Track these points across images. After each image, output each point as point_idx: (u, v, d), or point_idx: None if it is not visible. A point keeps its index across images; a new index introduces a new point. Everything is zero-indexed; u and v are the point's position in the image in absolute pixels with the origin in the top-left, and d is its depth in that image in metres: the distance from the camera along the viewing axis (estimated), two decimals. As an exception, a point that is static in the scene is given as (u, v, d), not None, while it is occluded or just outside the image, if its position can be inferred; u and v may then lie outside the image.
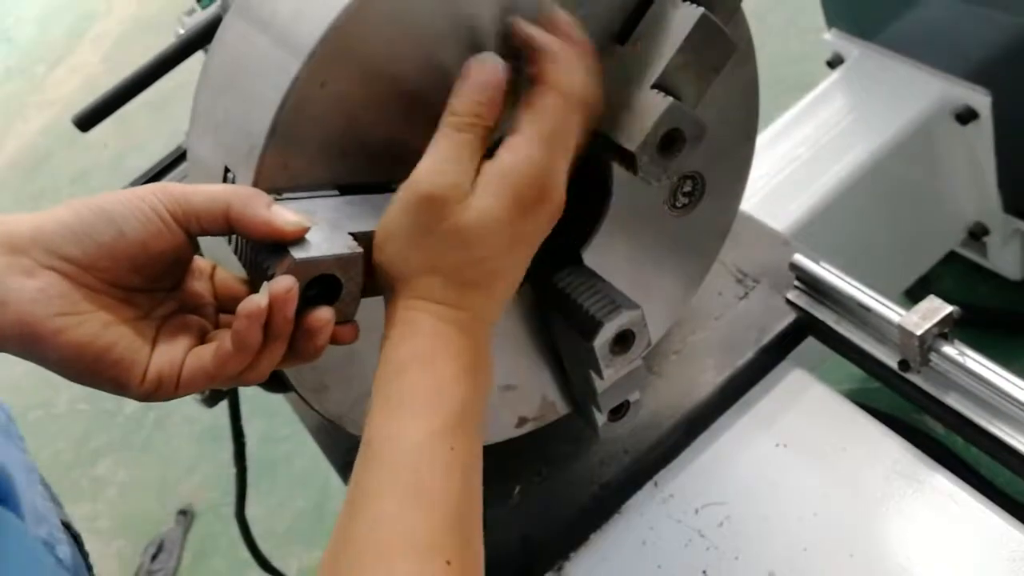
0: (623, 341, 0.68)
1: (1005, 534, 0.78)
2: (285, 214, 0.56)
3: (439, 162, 0.57)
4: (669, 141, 0.61)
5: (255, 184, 0.58)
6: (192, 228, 0.58)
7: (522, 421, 0.79)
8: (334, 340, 0.60)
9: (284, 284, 0.55)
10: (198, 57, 0.88)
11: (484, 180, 0.58)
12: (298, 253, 0.53)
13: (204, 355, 0.59)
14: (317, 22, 0.56)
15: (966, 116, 1.53)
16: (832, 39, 1.72)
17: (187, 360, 0.59)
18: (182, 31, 0.83)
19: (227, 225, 0.57)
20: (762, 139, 1.56)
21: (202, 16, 0.87)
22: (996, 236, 1.70)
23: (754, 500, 0.88)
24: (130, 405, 2.56)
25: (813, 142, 1.58)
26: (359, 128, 0.59)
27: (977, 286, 1.84)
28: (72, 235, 0.55)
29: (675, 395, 0.93)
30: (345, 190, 0.60)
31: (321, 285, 0.55)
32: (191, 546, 2.21)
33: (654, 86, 0.61)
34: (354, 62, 0.57)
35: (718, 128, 0.68)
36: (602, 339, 0.67)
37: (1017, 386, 0.79)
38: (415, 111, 0.60)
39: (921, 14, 1.53)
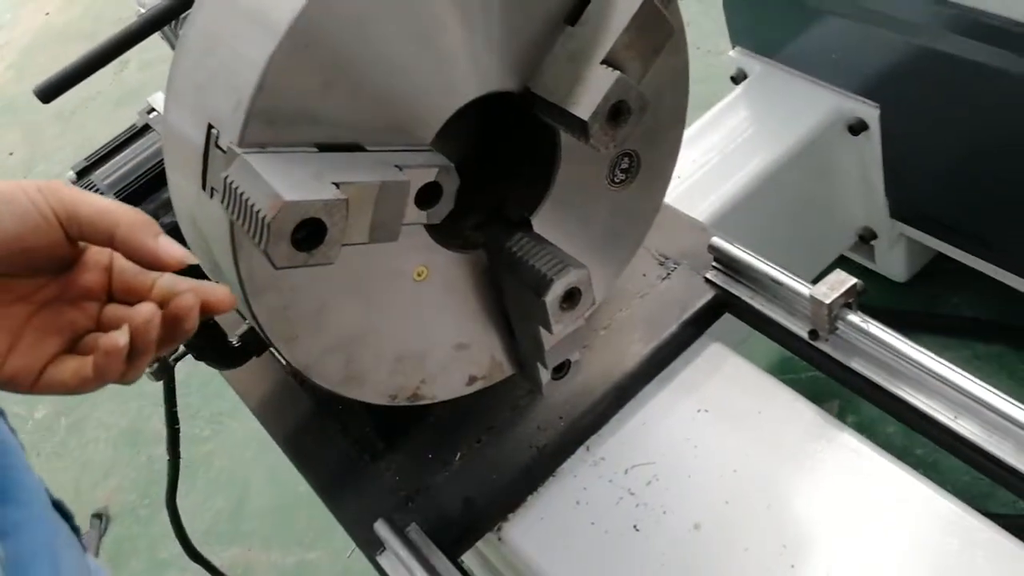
0: (571, 298, 0.74)
1: (904, 484, 0.87)
2: (171, 247, 0.61)
3: None
4: (616, 112, 0.68)
5: (240, 140, 0.62)
6: (72, 233, 0.60)
7: (472, 380, 0.85)
8: (212, 310, 0.63)
9: (144, 315, 0.58)
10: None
11: None
12: (288, 195, 0.57)
13: (65, 371, 0.61)
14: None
15: (857, 128, 1.65)
16: (736, 56, 1.84)
17: (48, 370, 0.61)
18: (142, 11, 0.87)
19: (110, 242, 0.60)
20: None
21: (162, -3, 0.91)
22: (883, 240, 1.84)
23: (679, 460, 0.95)
24: (41, 410, 2.51)
25: (720, 149, 1.69)
26: (338, 90, 0.64)
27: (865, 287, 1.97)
28: None
29: (605, 366, 1.00)
30: (323, 149, 0.65)
31: (306, 229, 0.59)
32: (108, 549, 2.17)
33: (603, 62, 0.68)
34: (338, 24, 0.62)
35: (653, 110, 0.75)
36: (553, 295, 0.73)
37: (915, 348, 0.88)
38: (394, 80, 0.65)
39: (817, 33, 1.65)
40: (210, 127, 0.65)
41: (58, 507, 0.76)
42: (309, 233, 0.59)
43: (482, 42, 0.69)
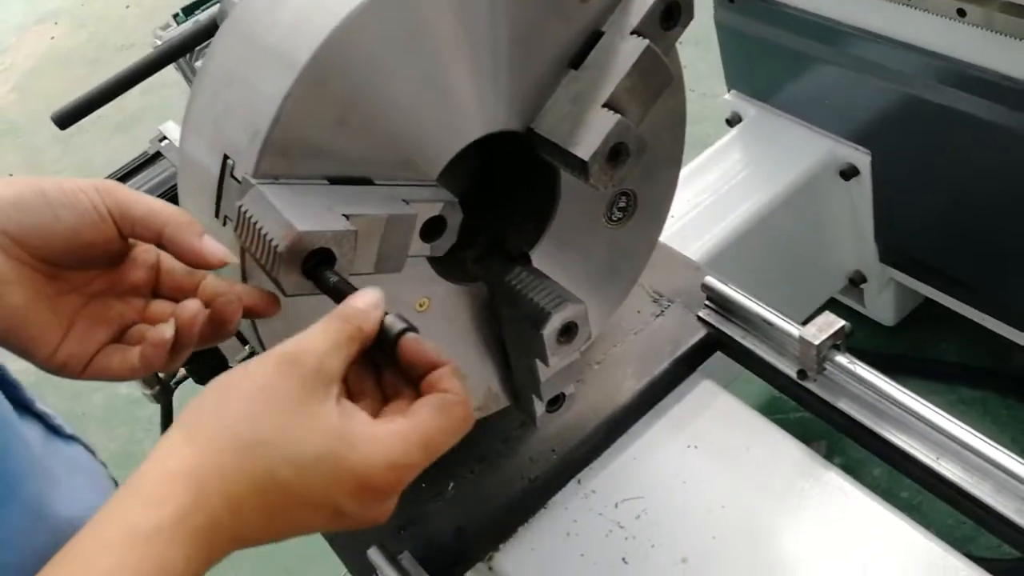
0: (568, 332, 0.77)
1: (889, 524, 0.88)
2: (214, 246, 0.63)
3: (324, 334, 0.55)
4: (616, 153, 0.71)
5: (256, 171, 0.64)
6: (125, 231, 0.64)
7: (468, 410, 0.86)
8: (256, 313, 0.65)
9: (189, 312, 0.61)
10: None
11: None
12: (301, 226, 0.60)
13: (113, 359, 0.65)
14: (320, 27, 0.63)
15: (849, 173, 1.69)
16: (731, 99, 1.87)
17: (97, 357, 0.65)
18: (159, 43, 0.89)
19: (158, 240, 0.64)
20: (668, 186, 1.69)
21: (177, 31, 0.93)
22: (873, 284, 1.86)
23: (668, 495, 0.96)
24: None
25: (714, 190, 1.72)
26: (351, 126, 0.66)
27: (854, 331, 1.99)
28: (10, 208, 0.60)
29: (598, 400, 1.01)
30: (333, 182, 0.67)
31: (316, 258, 0.62)
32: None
33: (604, 105, 0.71)
34: (354, 63, 0.64)
35: (651, 151, 0.77)
36: (551, 328, 0.75)
37: (900, 390, 0.90)
38: (404, 117, 0.68)
39: (811, 80, 1.69)
40: (226, 157, 0.67)
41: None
42: (319, 262, 0.61)
43: (489, 84, 0.72)
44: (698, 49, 2.37)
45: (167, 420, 1.22)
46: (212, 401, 0.53)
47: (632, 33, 0.72)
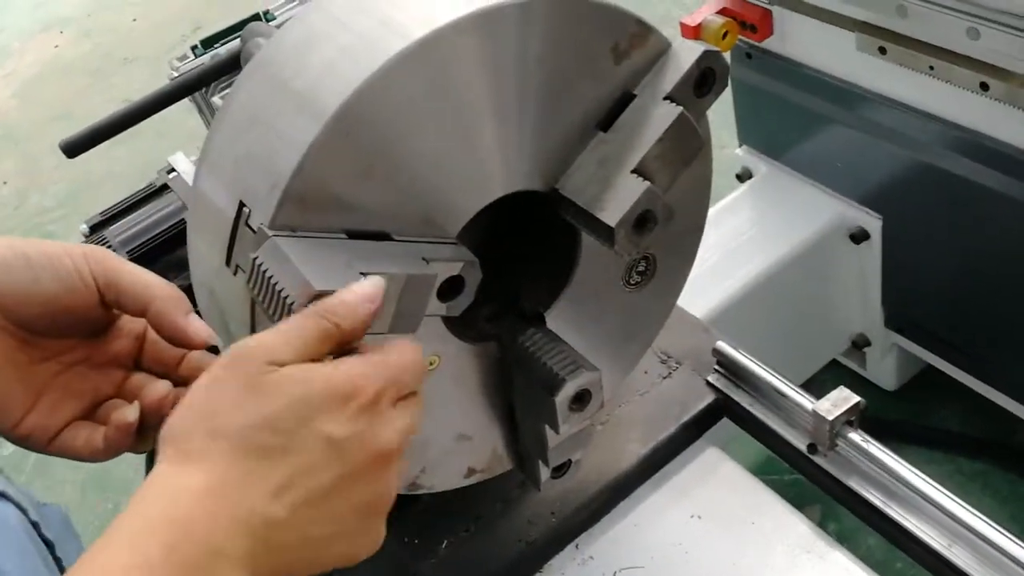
0: (581, 400, 0.74)
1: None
2: (200, 327, 0.63)
3: (284, 332, 0.54)
4: (643, 220, 0.69)
5: (273, 222, 0.62)
6: (109, 300, 0.62)
7: (471, 472, 0.84)
8: None
9: (156, 395, 0.61)
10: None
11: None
12: (318, 285, 0.57)
13: (78, 437, 0.62)
14: (350, 78, 0.61)
15: (859, 236, 1.67)
16: (743, 154, 1.86)
17: (64, 433, 0.62)
18: (175, 74, 0.87)
19: (143, 314, 0.62)
20: (676, 238, 1.68)
21: (196, 63, 0.91)
22: (876, 348, 1.85)
23: (668, 566, 0.93)
24: (7, 447, 2.45)
25: (722, 247, 1.71)
26: (374, 180, 0.64)
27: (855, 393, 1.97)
28: None
29: (601, 463, 0.99)
30: (352, 236, 0.65)
31: None
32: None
33: (633, 171, 0.69)
34: (380, 116, 0.62)
35: (675, 215, 0.75)
36: (564, 395, 0.73)
37: (914, 472, 0.88)
38: (427, 173, 0.66)
39: (823, 140, 1.68)
40: (242, 205, 0.65)
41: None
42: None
43: (515, 142, 0.70)
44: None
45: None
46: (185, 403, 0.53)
47: (665, 98, 0.70)
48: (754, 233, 1.72)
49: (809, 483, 0.96)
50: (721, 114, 1.87)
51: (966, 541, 0.84)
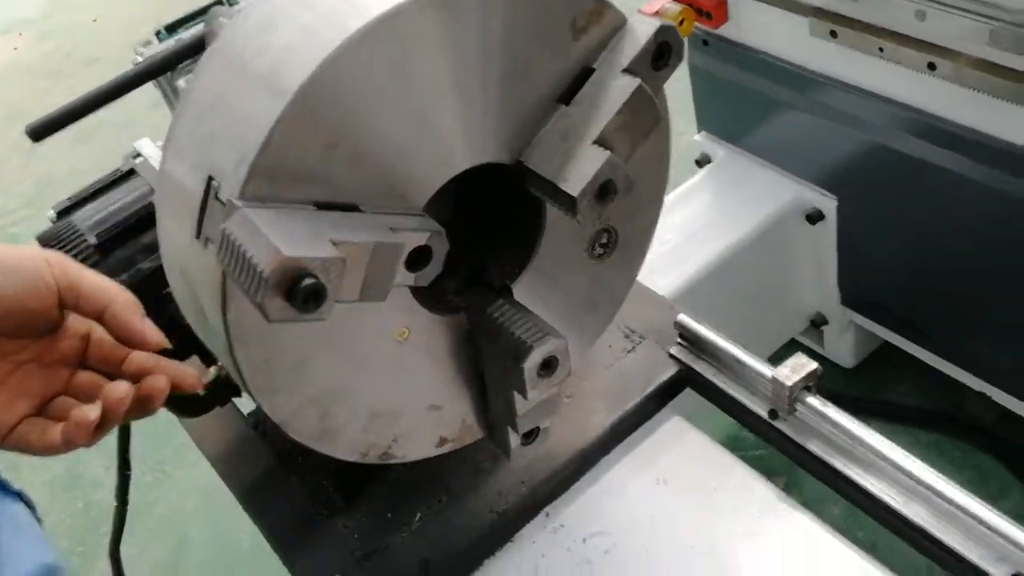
0: (548, 366, 0.76)
1: (857, 566, 0.89)
2: (154, 329, 0.67)
3: None
4: (604, 190, 0.71)
5: (242, 194, 0.63)
6: (68, 303, 0.66)
7: (442, 441, 0.86)
8: (180, 390, 0.70)
9: (119, 393, 0.63)
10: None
11: None
12: (287, 251, 0.59)
13: (32, 432, 0.65)
14: (313, 55, 0.63)
15: (815, 217, 1.72)
16: (701, 140, 1.90)
17: (19, 428, 0.65)
18: (139, 59, 0.88)
19: (100, 316, 0.66)
20: (637, 222, 1.71)
21: (160, 48, 0.92)
22: (834, 326, 1.89)
23: (636, 531, 0.96)
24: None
25: (682, 229, 1.74)
26: (340, 154, 0.66)
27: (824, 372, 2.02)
28: None
29: (569, 434, 1.01)
30: (320, 207, 0.67)
31: (301, 285, 0.61)
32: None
33: (594, 142, 0.71)
34: (345, 92, 0.64)
35: (635, 189, 0.78)
36: (532, 362, 0.75)
37: (871, 433, 0.91)
38: (392, 147, 0.68)
39: (779, 124, 1.72)
40: (210, 179, 0.66)
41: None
42: (305, 289, 0.60)
43: (478, 116, 0.72)
44: (667, 90, 2.41)
45: (124, 439, 1.19)
46: None
47: (623, 72, 0.72)
48: (713, 216, 1.76)
49: (773, 456, 0.99)
50: (681, 101, 1.91)
51: (922, 497, 0.88)
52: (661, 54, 0.73)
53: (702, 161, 1.90)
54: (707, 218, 1.77)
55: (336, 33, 0.64)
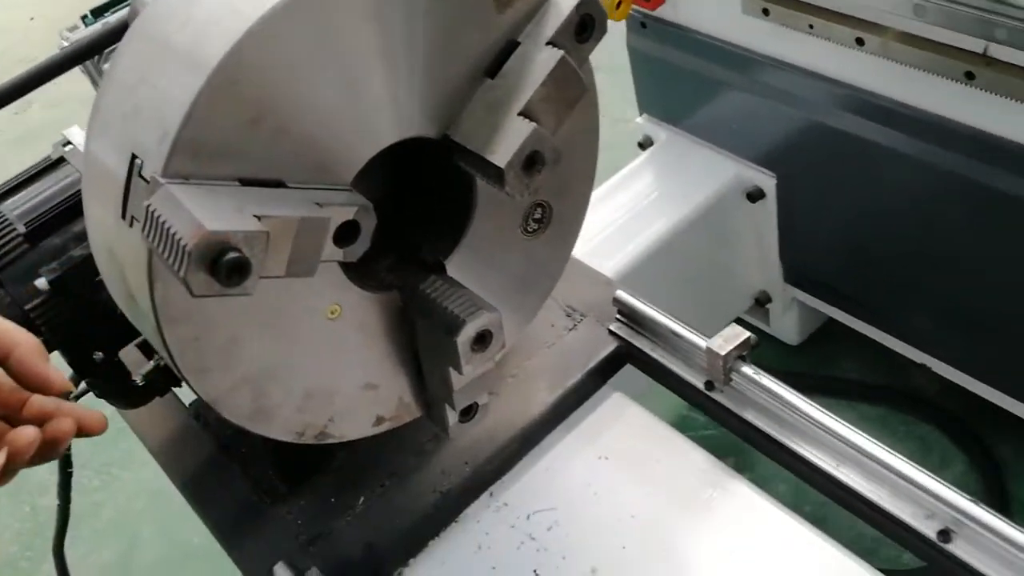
0: (482, 340, 0.77)
1: (794, 532, 0.91)
2: (59, 374, 0.67)
3: None
4: (531, 161, 0.71)
5: (164, 170, 0.63)
6: None
7: (379, 420, 0.86)
8: (86, 432, 0.70)
9: (26, 439, 0.63)
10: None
11: None
12: (210, 225, 0.59)
13: None
14: (233, 28, 0.63)
15: (755, 195, 1.74)
16: (643, 123, 1.91)
17: None
18: (66, 44, 0.87)
19: (4, 361, 0.66)
20: (580, 205, 1.72)
21: (85, 32, 0.91)
22: (778, 304, 1.92)
23: (580, 506, 0.97)
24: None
25: (626, 211, 1.75)
26: (263, 128, 0.66)
27: (760, 350, 2.04)
28: None
29: (511, 413, 1.02)
30: (245, 183, 0.66)
31: (226, 259, 0.60)
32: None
33: (520, 114, 0.71)
34: (267, 65, 0.64)
35: (565, 164, 0.78)
36: (465, 336, 0.75)
37: (804, 401, 0.92)
38: (317, 121, 0.68)
39: (717, 104, 1.74)
40: (134, 157, 0.66)
41: None
42: (229, 263, 0.60)
43: (405, 90, 0.72)
44: (611, 76, 2.41)
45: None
46: None
47: (548, 44, 0.73)
48: (656, 197, 1.78)
49: (723, 436, 1.00)
50: (625, 90, 1.92)
51: (853, 461, 0.89)
52: (584, 27, 0.74)
53: (644, 144, 1.91)
54: (650, 199, 1.78)
55: (257, 5, 0.63)
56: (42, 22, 4.50)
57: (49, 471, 1.24)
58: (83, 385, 1.03)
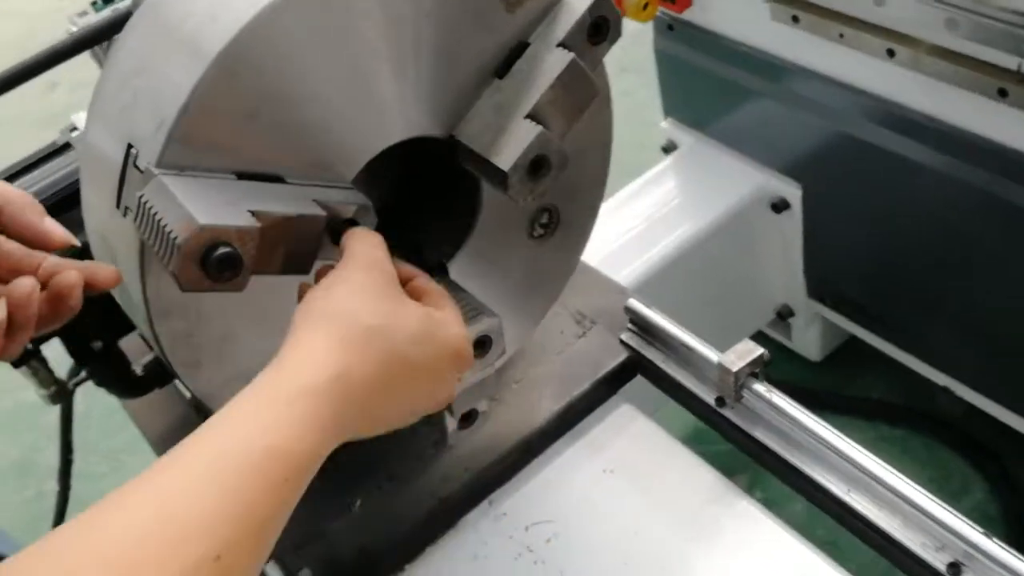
0: (482, 346, 0.75)
1: (802, 557, 0.88)
2: (57, 227, 0.64)
3: None
4: (537, 165, 0.69)
5: (159, 161, 0.61)
6: None
7: (377, 423, 0.84)
8: (96, 286, 0.65)
9: (23, 289, 0.60)
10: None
11: None
12: (202, 219, 0.57)
13: None
14: (235, 19, 0.61)
15: (780, 206, 1.70)
16: (667, 127, 1.88)
17: None
18: (75, 29, 0.86)
19: None
20: (603, 209, 1.69)
21: (95, 17, 0.90)
22: (800, 319, 1.88)
23: (580, 520, 0.95)
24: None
25: (646, 217, 1.72)
26: (262, 122, 0.64)
27: (780, 364, 2.01)
28: None
29: (514, 420, 0.99)
30: (242, 177, 0.65)
31: (217, 254, 0.59)
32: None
33: (527, 116, 0.69)
34: (269, 57, 0.62)
35: (575, 168, 0.76)
36: (463, 341, 0.73)
37: (816, 421, 0.90)
38: (319, 116, 0.66)
39: (744, 111, 1.71)
40: (129, 146, 0.64)
41: None
42: (220, 258, 0.58)
43: (411, 88, 0.70)
44: (640, 76, 2.38)
45: (67, 423, 1.17)
46: (322, 304, 0.60)
47: (559, 46, 0.70)
48: (677, 204, 1.75)
49: (734, 454, 0.97)
50: (653, 90, 1.89)
51: (864, 486, 0.86)
52: (598, 29, 0.72)
53: (668, 148, 1.89)
54: (671, 206, 1.75)
55: None
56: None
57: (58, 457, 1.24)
58: (82, 373, 1.02)
